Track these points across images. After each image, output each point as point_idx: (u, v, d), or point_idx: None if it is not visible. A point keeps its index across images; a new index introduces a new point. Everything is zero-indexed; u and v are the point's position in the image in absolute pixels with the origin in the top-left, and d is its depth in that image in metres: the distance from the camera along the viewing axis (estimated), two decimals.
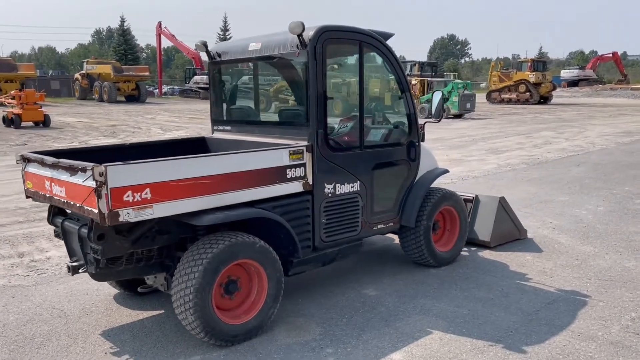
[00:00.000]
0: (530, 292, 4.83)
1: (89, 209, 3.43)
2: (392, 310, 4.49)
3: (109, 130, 20.93)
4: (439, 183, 5.86)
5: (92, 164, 3.34)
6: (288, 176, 4.21)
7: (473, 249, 6.09)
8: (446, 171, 5.67)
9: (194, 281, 3.67)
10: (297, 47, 4.31)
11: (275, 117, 4.99)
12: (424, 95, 30.11)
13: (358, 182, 4.71)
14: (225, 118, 5.35)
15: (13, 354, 3.84)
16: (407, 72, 35.47)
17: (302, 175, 4.29)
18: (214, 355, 3.79)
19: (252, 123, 5.14)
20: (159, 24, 51.98)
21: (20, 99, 22.43)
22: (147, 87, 47.15)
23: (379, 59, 4.92)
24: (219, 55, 5.18)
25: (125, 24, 64.81)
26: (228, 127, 5.28)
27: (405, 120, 5.15)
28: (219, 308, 3.94)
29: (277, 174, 4.13)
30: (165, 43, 57.76)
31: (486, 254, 5.91)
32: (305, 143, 4.35)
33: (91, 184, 3.32)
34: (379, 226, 4.99)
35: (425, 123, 5.48)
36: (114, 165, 3.32)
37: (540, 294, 4.77)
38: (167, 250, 4.14)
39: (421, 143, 5.34)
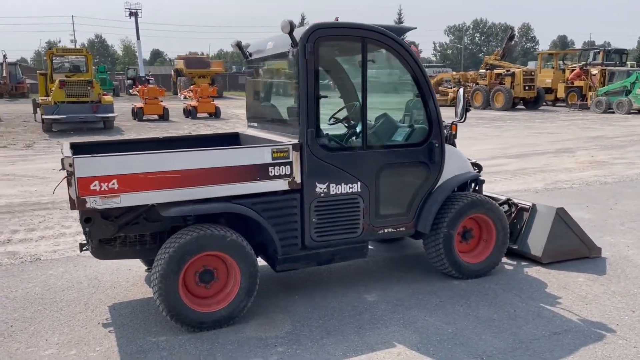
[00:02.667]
0: (545, 317, 4.26)
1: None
2: (375, 318, 4.31)
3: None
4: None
5: (69, 156, 3.79)
6: (271, 174, 4.27)
7: (524, 263, 5.49)
8: (476, 176, 5.20)
9: (159, 267, 3.96)
10: (291, 46, 4.34)
11: (285, 115, 5.07)
12: (603, 86, 27.01)
13: (359, 183, 4.57)
14: (255, 115, 5.56)
15: (35, 314, 4.52)
16: (590, 60, 31.97)
17: (287, 173, 4.32)
18: (178, 337, 4.05)
19: (271, 120, 5.27)
20: (336, 19, 53.86)
21: (197, 93, 25.15)
22: None
23: (390, 56, 4.69)
24: (250, 55, 5.39)
25: (305, 22, 68.33)
26: (255, 124, 5.49)
27: (423, 120, 4.84)
28: (194, 295, 4.20)
29: (257, 172, 4.22)
30: None
31: (532, 270, 5.30)
32: (294, 141, 4.37)
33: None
34: (386, 230, 4.80)
35: (453, 123, 5.08)
36: (81, 158, 3.74)
37: (554, 322, 4.18)
38: (162, 237, 4.49)
39: (449, 145, 4.99)
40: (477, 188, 5.81)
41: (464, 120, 5.03)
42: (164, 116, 23.56)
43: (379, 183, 4.67)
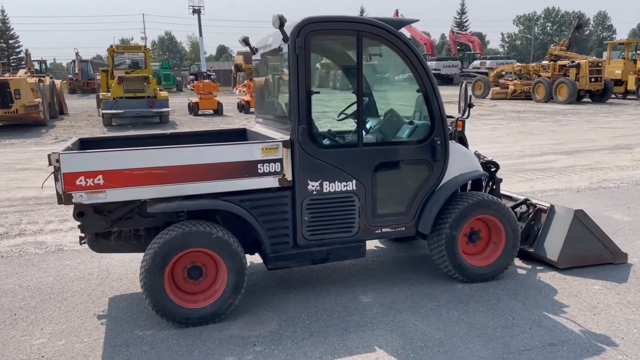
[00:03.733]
0: (544, 327, 3.99)
1: None
2: (364, 320, 4.19)
3: None
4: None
5: (56, 151, 3.89)
6: (260, 171, 4.23)
7: (539, 268, 5.19)
8: (483, 174, 4.94)
9: (145, 263, 4.02)
10: (282, 41, 4.27)
11: (284, 111, 5.00)
12: None
13: (354, 181, 4.45)
14: (260, 111, 5.53)
15: (39, 304, 4.70)
16: None
17: (277, 170, 4.26)
18: (164, 332, 4.09)
19: (273, 116, 5.21)
20: (396, 12, 53.12)
21: (250, 88, 25.48)
22: None
23: (389, 51, 4.53)
24: (256, 50, 5.36)
25: (364, 13, 67.60)
26: (261, 120, 5.46)
27: (424, 116, 4.65)
28: (183, 291, 4.24)
29: (246, 168, 4.19)
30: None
31: (547, 275, 4.99)
32: (285, 138, 4.31)
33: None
34: (384, 230, 4.65)
35: (458, 120, 4.84)
36: (66, 153, 3.83)
37: (553, 332, 3.91)
38: (157, 232, 4.53)
39: (454, 143, 4.77)
40: (493, 187, 5.56)
41: (468, 117, 4.79)
42: (218, 111, 24.02)
43: (376, 181, 4.53)
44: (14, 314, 4.50)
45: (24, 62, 44.78)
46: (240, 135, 5.61)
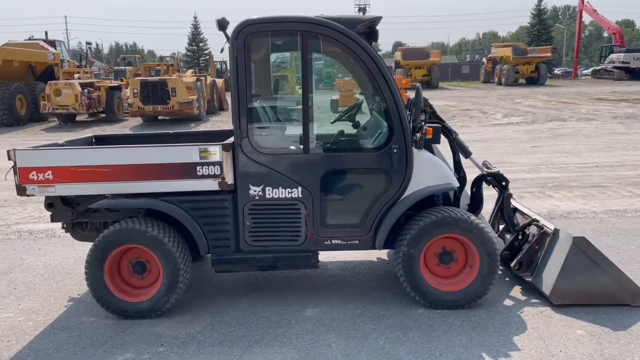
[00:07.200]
0: None
1: None
2: (285, 335, 3.99)
3: (453, 115, 21.54)
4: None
5: (13, 148, 4.33)
6: (199, 173, 4.25)
7: (535, 301, 4.44)
8: (451, 188, 4.35)
9: (88, 255, 4.29)
10: (226, 42, 4.24)
11: None
12: None
13: (299, 188, 4.26)
14: None
15: (40, 281, 5.27)
16: None
17: (217, 173, 4.24)
18: (102, 321, 4.34)
19: None
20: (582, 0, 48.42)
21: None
22: (553, 68, 45.01)
23: (340, 51, 4.22)
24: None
25: (542, 5, 62.11)
26: None
27: (380, 122, 4.25)
28: (129, 284, 4.45)
29: (185, 170, 4.24)
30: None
31: (533, 311, 4.25)
32: (226, 142, 4.27)
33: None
34: (333, 241, 4.36)
35: (427, 126, 4.31)
36: (21, 150, 4.25)
37: None
38: None
39: (423, 152, 4.30)
40: (503, 203, 4.92)
41: (418, 124, 4.27)
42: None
43: (326, 190, 4.28)
44: (14, 288, 5.11)
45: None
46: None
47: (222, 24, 4.12)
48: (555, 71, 55.44)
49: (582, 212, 7.18)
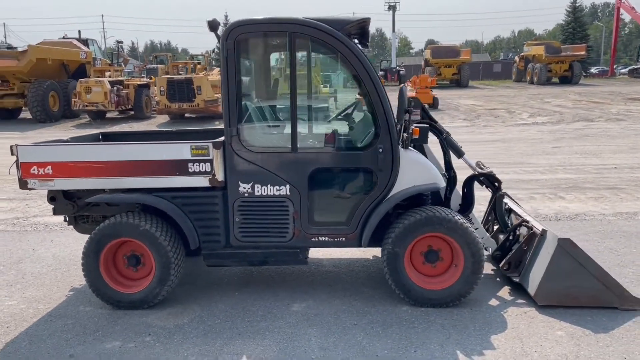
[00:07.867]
0: None
1: None
2: (268, 329, 4.10)
3: (478, 115, 21.32)
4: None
5: (16, 144, 4.54)
6: (190, 170, 4.39)
7: (521, 301, 4.44)
8: (437, 188, 4.38)
9: (84, 246, 4.48)
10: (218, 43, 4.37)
11: None
12: None
13: (287, 185, 4.35)
14: None
15: (47, 272, 5.50)
16: None
17: (207, 170, 4.37)
18: (98, 311, 4.52)
19: None
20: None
21: (416, 83, 25.15)
22: (588, 67, 43.95)
23: (327, 52, 4.30)
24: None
25: (577, 2, 60.51)
26: None
27: (366, 121, 4.31)
28: (124, 276, 4.63)
29: (176, 167, 4.38)
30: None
31: (517, 311, 4.26)
32: (217, 140, 4.40)
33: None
34: (321, 238, 4.45)
35: (415, 126, 4.33)
36: (23, 146, 4.46)
37: None
38: None
39: (410, 151, 4.35)
40: (495, 204, 4.93)
41: (402, 124, 4.30)
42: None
43: (314, 188, 4.37)
44: (22, 277, 5.35)
45: None
46: None
47: (212, 25, 4.24)
48: (592, 70, 54.13)
49: (590, 214, 7.08)
